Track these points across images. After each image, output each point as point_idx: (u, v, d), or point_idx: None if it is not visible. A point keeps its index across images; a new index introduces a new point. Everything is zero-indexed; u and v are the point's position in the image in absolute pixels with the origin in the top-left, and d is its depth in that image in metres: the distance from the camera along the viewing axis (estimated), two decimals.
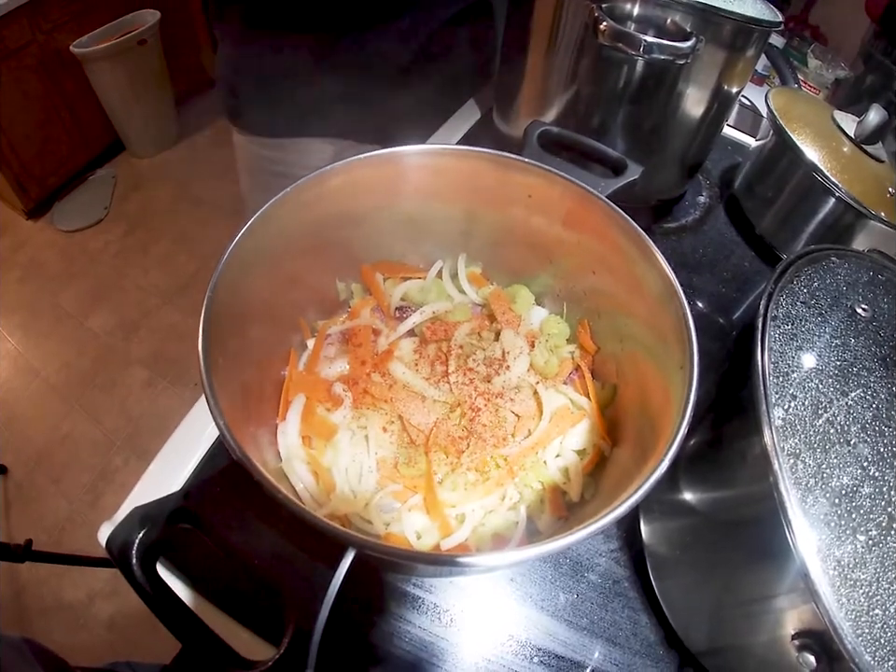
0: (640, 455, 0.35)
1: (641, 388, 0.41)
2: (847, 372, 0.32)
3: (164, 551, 0.29)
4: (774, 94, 0.71)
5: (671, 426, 0.31)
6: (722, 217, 0.78)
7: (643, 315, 0.41)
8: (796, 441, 0.29)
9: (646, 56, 0.52)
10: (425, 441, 0.43)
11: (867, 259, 0.41)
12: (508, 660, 0.41)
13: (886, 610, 0.26)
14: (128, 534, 0.27)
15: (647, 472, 0.29)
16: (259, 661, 0.27)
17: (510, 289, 0.53)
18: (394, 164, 0.45)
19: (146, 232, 2.08)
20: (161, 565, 0.30)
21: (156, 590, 0.27)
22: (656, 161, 0.67)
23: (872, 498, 0.28)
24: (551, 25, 0.59)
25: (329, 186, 0.42)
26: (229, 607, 0.40)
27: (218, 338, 0.33)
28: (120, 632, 1.30)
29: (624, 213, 0.41)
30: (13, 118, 1.79)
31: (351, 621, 0.41)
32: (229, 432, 0.28)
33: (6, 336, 1.79)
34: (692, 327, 0.34)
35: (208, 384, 0.30)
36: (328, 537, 0.26)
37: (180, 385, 1.69)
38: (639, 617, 0.43)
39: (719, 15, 0.52)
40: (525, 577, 0.44)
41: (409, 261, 0.54)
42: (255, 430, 0.39)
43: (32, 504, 1.47)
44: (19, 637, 0.51)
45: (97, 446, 1.57)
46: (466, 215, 0.50)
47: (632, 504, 0.28)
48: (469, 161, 0.45)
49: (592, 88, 0.61)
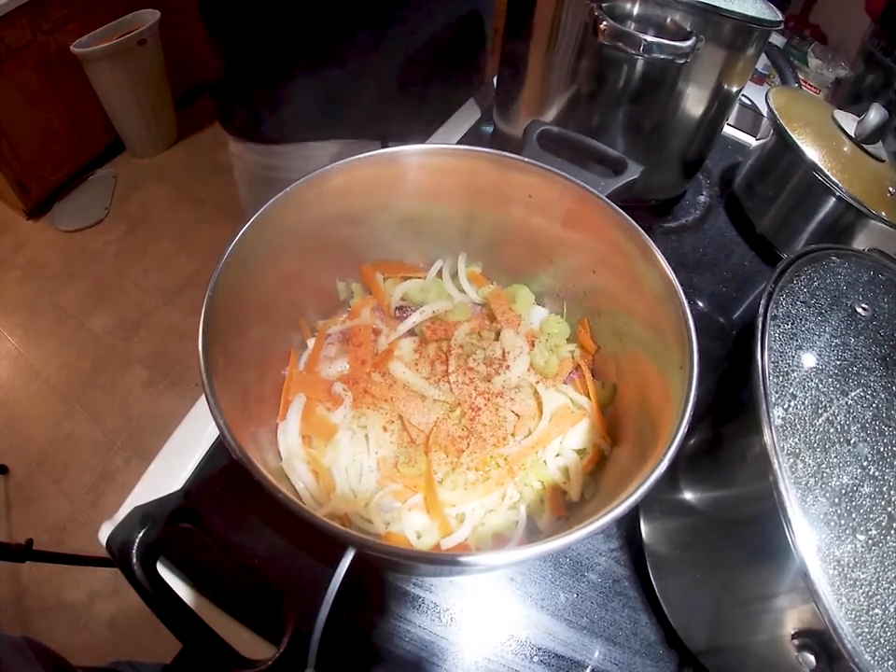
0: (640, 454, 0.35)
1: (641, 387, 0.41)
2: (847, 372, 0.32)
3: (165, 550, 0.29)
4: (774, 94, 0.71)
5: (671, 425, 0.31)
6: (723, 216, 0.78)
7: (643, 314, 0.41)
8: (796, 441, 0.29)
9: (646, 55, 0.52)
10: (425, 440, 0.43)
11: (867, 258, 0.41)
12: (508, 659, 0.41)
13: (885, 610, 0.26)
14: (128, 533, 0.27)
15: (647, 471, 0.29)
16: (259, 660, 0.27)
17: (510, 289, 0.53)
18: (394, 164, 0.45)
19: (146, 232, 2.08)
20: (161, 564, 0.29)
21: (156, 589, 0.27)
22: (656, 160, 0.67)
23: (872, 498, 0.28)
24: (551, 25, 0.59)
25: (330, 185, 0.43)
26: (229, 606, 0.40)
27: (218, 338, 0.33)
28: (121, 632, 1.30)
29: (624, 212, 0.41)
30: (13, 118, 1.79)
31: (351, 620, 0.41)
32: (229, 432, 0.28)
33: (6, 336, 1.79)
34: (691, 326, 0.34)
35: (208, 383, 0.30)
36: (327, 536, 0.26)
37: (180, 384, 1.70)
38: (639, 616, 0.43)
39: (719, 14, 0.52)
40: (525, 576, 0.44)
41: (409, 261, 0.54)
42: (255, 430, 0.39)
43: (33, 504, 1.48)
44: (20, 637, 0.51)
45: (98, 446, 1.57)
46: (466, 214, 0.50)
47: (632, 503, 0.28)
48: (469, 160, 0.45)
49: (592, 87, 0.61)
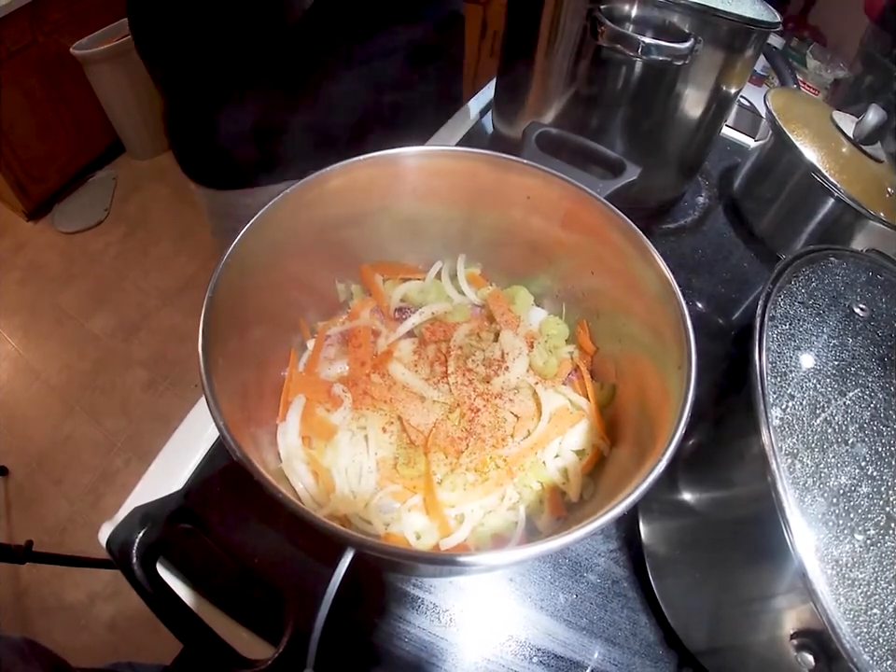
0: (639, 455, 0.35)
1: (640, 387, 0.41)
2: (845, 372, 0.33)
3: (165, 550, 0.29)
4: (773, 95, 0.71)
5: (669, 425, 0.31)
6: (721, 217, 0.78)
7: (642, 314, 0.41)
8: (794, 441, 0.30)
9: (644, 57, 0.52)
10: (424, 441, 0.43)
11: (865, 259, 0.41)
12: (507, 660, 0.41)
13: (884, 610, 0.26)
14: (128, 533, 0.27)
15: (645, 471, 0.29)
16: (258, 660, 0.27)
17: (509, 290, 0.53)
18: (394, 166, 0.45)
19: (146, 234, 2.09)
20: (161, 565, 0.30)
21: (156, 590, 0.27)
22: (655, 161, 0.67)
23: (870, 498, 0.28)
24: (550, 27, 0.59)
25: (329, 187, 0.43)
26: (228, 606, 0.40)
27: (218, 339, 0.33)
28: (121, 633, 1.30)
29: (623, 213, 0.41)
30: (13, 119, 1.79)
31: (351, 621, 0.41)
32: (229, 433, 0.28)
33: (6, 338, 1.79)
34: (689, 326, 0.34)
35: (208, 385, 0.30)
36: (327, 536, 0.26)
37: (181, 385, 1.70)
38: (638, 617, 0.43)
39: (717, 16, 0.52)
40: (524, 577, 0.44)
41: (408, 262, 0.54)
42: (255, 431, 0.39)
43: (33, 505, 1.48)
44: (20, 638, 0.51)
45: (98, 447, 1.57)
46: (465, 216, 0.50)
47: (630, 503, 0.28)
48: (468, 162, 0.45)
49: (590, 89, 0.61)
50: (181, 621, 0.28)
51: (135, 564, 0.27)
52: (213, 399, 0.30)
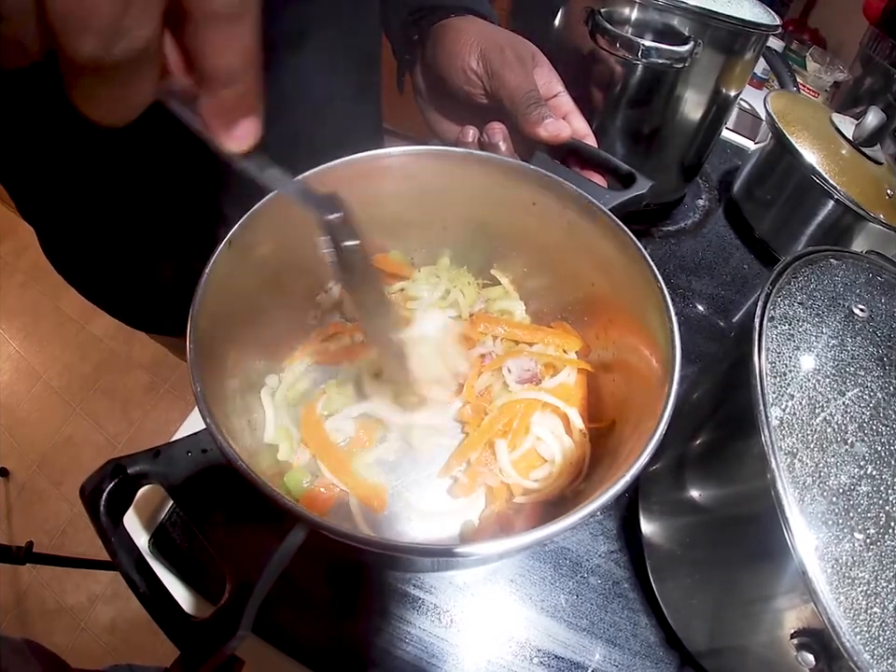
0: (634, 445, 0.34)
1: (630, 388, 0.41)
2: (845, 372, 0.33)
3: (131, 503, 0.31)
4: (772, 98, 0.72)
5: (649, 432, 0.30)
6: (721, 219, 0.78)
7: (633, 325, 0.40)
8: (794, 441, 0.30)
9: (644, 60, 0.53)
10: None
11: (865, 260, 0.41)
12: (508, 661, 0.41)
13: (884, 609, 0.26)
14: (99, 482, 0.29)
15: (631, 461, 0.29)
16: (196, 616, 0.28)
17: (505, 304, 0.51)
18: (397, 165, 0.45)
19: None
20: (128, 523, 0.30)
21: (119, 541, 0.29)
22: (655, 164, 0.67)
23: (869, 497, 0.28)
24: (549, 30, 0.60)
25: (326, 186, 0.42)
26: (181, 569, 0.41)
27: (208, 350, 0.33)
28: (121, 635, 1.30)
29: (626, 226, 0.39)
30: None
31: (351, 621, 0.41)
32: (226, 443, 0.28)
33: (8, 340, 1.79)
34: (677, 343, 0.33)
35: (202, 395, 0.30)
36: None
37: (181, 388, 1.70)
38: (639, 618, 0.43)
39: (716, 19, 0.53)
40: (524, 578, 0.44)
41: (405, 265, 0.53)
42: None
43: (33, 507, 1.48)
44: (20, 639, 0.51)
45: (99, 449, 1.57)
46: (468, 220, 0.49)
47: (617, 492, 0.27)
48: (475, 164, 0.45)
49: (590, 92, 0.61)
50: (139, 574, 0.29)
51: (102, 513, 0.28)
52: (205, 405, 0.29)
